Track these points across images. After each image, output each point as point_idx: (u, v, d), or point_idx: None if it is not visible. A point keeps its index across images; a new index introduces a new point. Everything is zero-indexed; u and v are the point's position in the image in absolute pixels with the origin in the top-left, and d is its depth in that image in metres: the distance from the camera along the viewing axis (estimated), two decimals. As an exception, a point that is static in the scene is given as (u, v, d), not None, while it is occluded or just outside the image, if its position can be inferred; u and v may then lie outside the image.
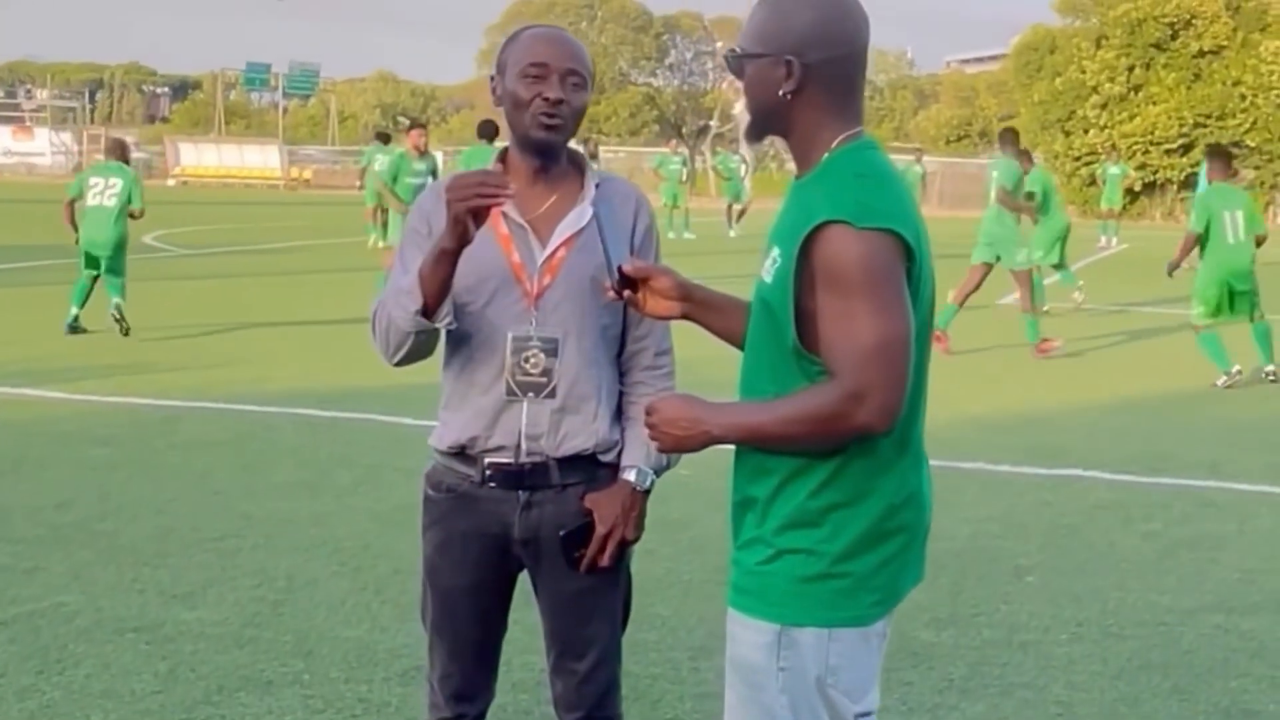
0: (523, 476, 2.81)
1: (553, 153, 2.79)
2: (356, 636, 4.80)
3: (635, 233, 2.85)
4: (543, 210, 2.80)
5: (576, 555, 2.82)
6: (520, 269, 2.77)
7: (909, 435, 2.37)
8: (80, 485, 6.80)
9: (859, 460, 2.31)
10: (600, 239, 2.59)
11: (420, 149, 15.62)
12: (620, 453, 2.87)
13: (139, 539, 5.91)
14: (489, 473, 2.81)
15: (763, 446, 2.34)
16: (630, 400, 2.89)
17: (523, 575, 2.98)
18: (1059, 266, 16.13)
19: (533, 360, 2.76)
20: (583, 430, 2.80)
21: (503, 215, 2.78)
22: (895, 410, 2.25)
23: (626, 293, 2.56)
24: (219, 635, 4.77)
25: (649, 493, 2.87)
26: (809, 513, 2.32)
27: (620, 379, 2.91)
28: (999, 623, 5.17)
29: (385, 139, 27.14)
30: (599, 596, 2.89)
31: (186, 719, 4.12)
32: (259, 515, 6.33)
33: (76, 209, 12.44)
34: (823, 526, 2.32)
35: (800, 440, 2.29)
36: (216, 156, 60.45)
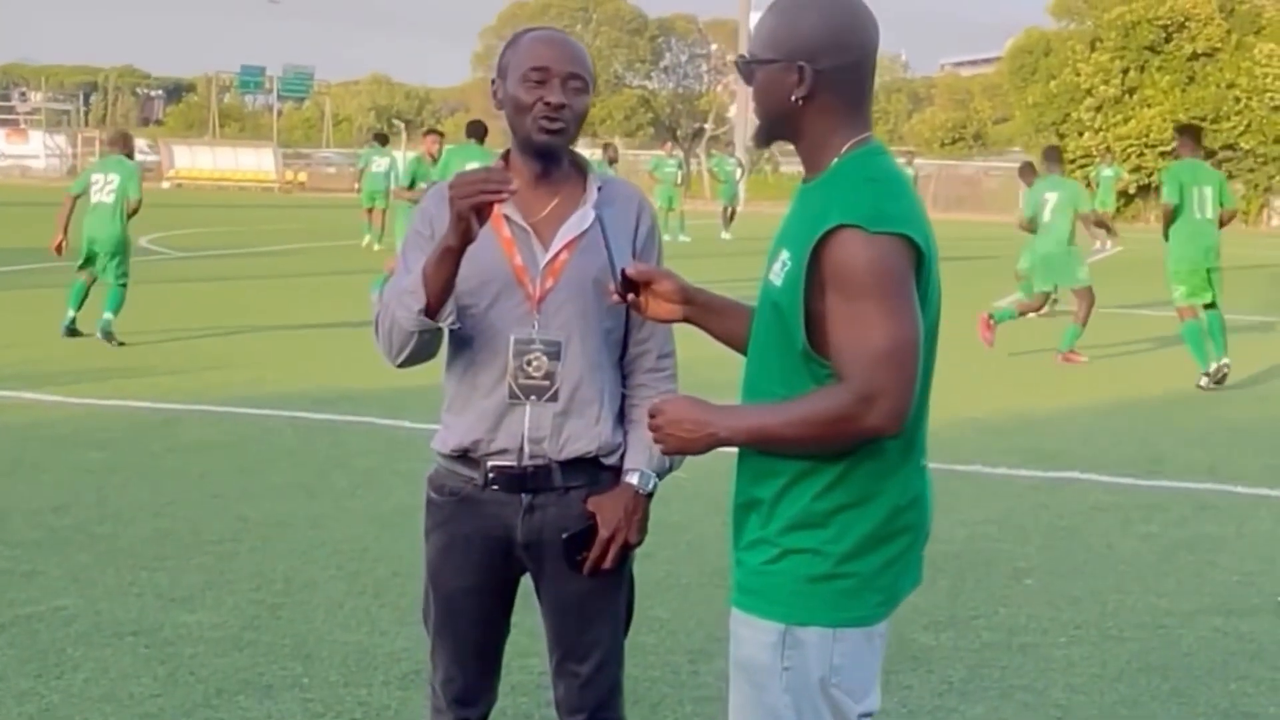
0: (525, 480, 2.81)
1: (555, 156, 2.79)
2: (356, 640, 4.80)
3: (638, 235, 2.85)
4: (545, 213, 2.80)
5: (579, 558, 2.82)
6: (523, 272, 2.77)
7: (914, 438, 2.38)
8: (78, 488, 6.79)
9: (866, 462, 2.32)
10: (604, 242, 2.59)
11: (435, 155, 15.52)
12: (623, 456, 2.87)
13: (137, 542, 5.90)
14: (491, 476, 2.81)
15: (770, 449, 2.35)
16: (633, 403, 2.89)
17: (523, 578, 2.98)
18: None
19: (535, 363, 2.76)
20: (585, 433, 2.80)
21: (505, 218, 2.78)
22: (904, 414, 2.26)
23: (630, 295, 2.56)
24: (218, 638, 4.76)
25: (651, 496, 2.87)
26: (815, 514, 2.33)
27: (623, 382, 2.91)
28: (998, 625, 5.17)
29: (383, 141, 27.17)
30: (602, 599, 2.88)
31: (186, 723, 4.12)
32: (257, 518, 6.33)
33: (80, 207, 12.21)
34: (829, 527, 2.33)
35: (808, 443, 2.30)
36: (211, 159, 60.39)
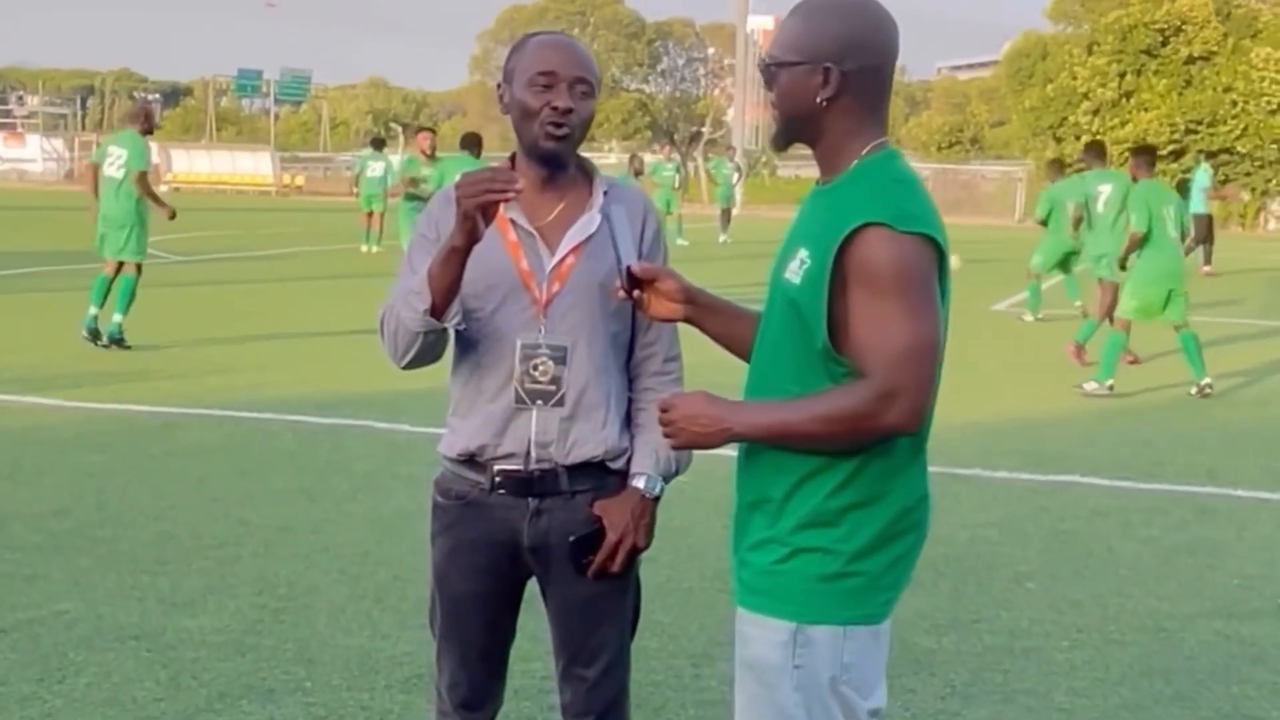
0: (532, 484, 2.80)
1: (561, 161, 2.79)
2: (358, 644, 4.79)
3: (644, 239, 2.85)
4: (551, 218, 2.80)
5: (585, 561, 2.82)
6: (529, 276, 2.76)
7: (922, 438, 2.41)
8: (78, 492, 6.79)
9: (877, 461, 2.34)
10: (612, 240, 2.59)
11: (428, 152, 15.32)
12: (629, 460, 2.87)
13: (138, 546, 5.90)
14: (498, 480, 2.81)
15: (786, 445, 2.35)
16: (639, 407, 2.89)
17: (529, 582, 2.97)
18: (1065, 271, 16.19)
19: (541, 368, 2.76)
20: (592, 438, 2.80)
21: (511, 223, 2.78)
22: (924, 412, 2.29)
23: (636, 293, 2.58)
24: (220, 643, 4.76)
25: (659, 500, 2.87)
26: (827, 512, 2.35)
27: (628, 385, 2.91)
28: (1000, 629, 5.17)
29: (378, 145, 27.13)
30: (608, 603, 2.88)
31: (189, 727, 4.12)
32: (258, 522, 6.32)
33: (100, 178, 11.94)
34: (840, 526, 2.35)
35: (828, 439, 2.31)
36: (208, 163, 60.41)
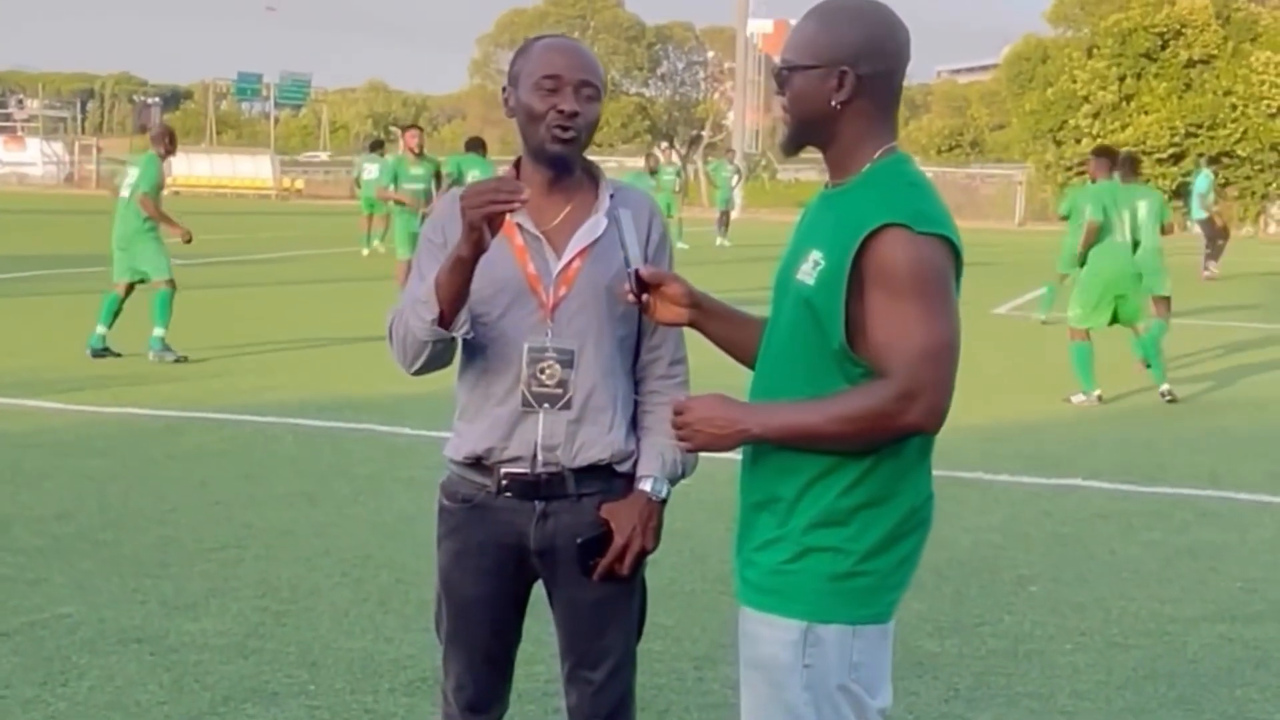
0: (538, 487, 2.80)
1: (567, 164, 2.79)
2: (361, 647, 4.79)
3: (650, 242, 2.85)
4: (558, 221, 2.80)
5: (592, 564, 2.82)
6: (536, 280, 2.77)
7: (929, 439, 2.42)
8: (80, 496, 6.79)
9: (888, 461, 2.36)
10: (621, 244, 2.59)
11: (415, 150, 15.01)
12: (635, 463, 2.87)
13: (140, 549, 5.90)
14: (505, 483, 2.81)
15: (804, 445, 2.36)
16: (645, 410, 2.89)
17: (535, 586, 2.97)
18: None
19: (548, 371, 2.76)
20: (599, 441, 2.80)
21: (517, 226, 2.78)
22: (943, 412, 2.31)
23: (643, 296, 2.58)
24: (223, 646, 4.76)
25: (665, 503, 2.87)
26: (838, 511, 2.36)
27: (634, 388, 2.91)
28: (1003, 632, 5.17)
29: (375, 148, 27.12)
30: (615, 606, 2.88)
31: (193, 730, 4.12)
32: (260, 525, 6.32)
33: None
34: (850, 525, 2.36)
35: (847, 439, 2.32)
36: (208, 166, 60.35)
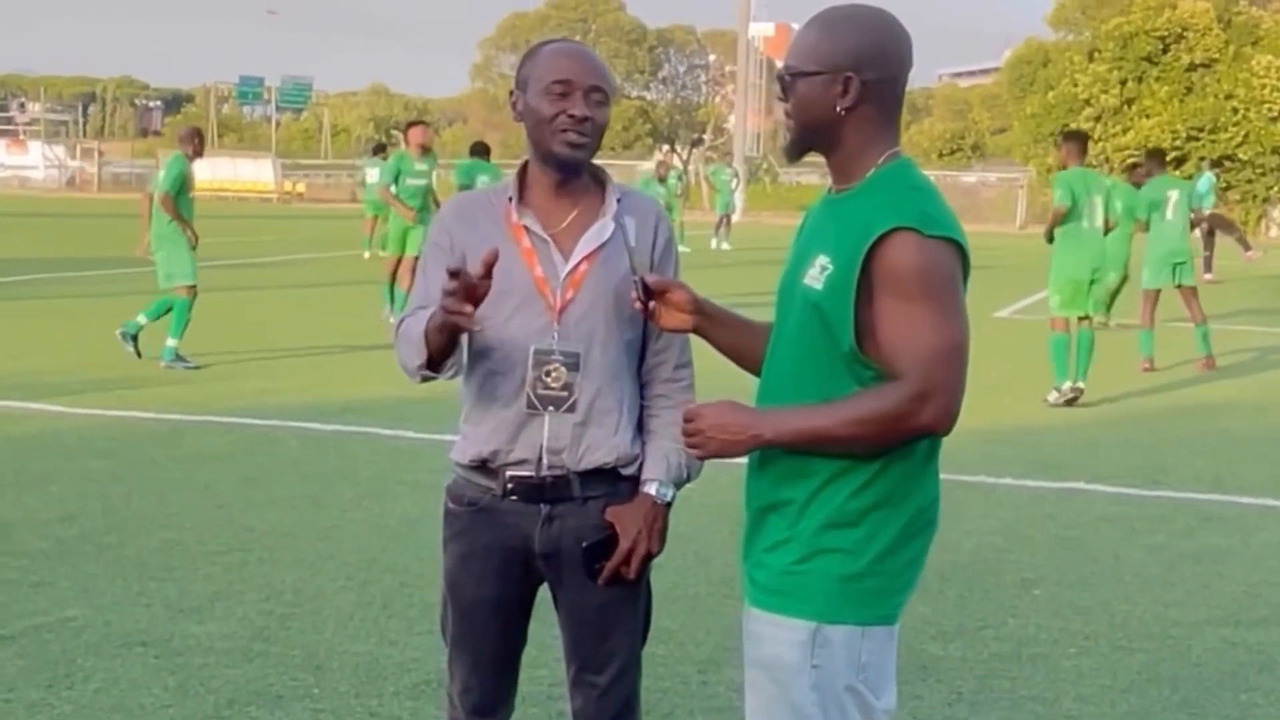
0: (544, 490, 2.81)
1: (576, 169, 2.80)
2: (365, 650, 4.80)
3: (655, 247, 2.85)
4: (565, 224, 2.80)
5: (597, 567, 2.82)
6: (543, 283, 2.77)
7: (936, 441, 2.43)
8: (84, 499, 6.79)
9: (898, 463, 2.37)
10: (627, 250, 2.60)
11: (424, 146, 14.53)
12: (641, 466, 2.87)
13: (145, 552, 5.90)
14: (510, 486, 2.81)
15: (818, 448, 2.37)
16: (651, 414, 2.90)
17: (540, 588, 2.98)
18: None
19: (554, 374, 2.76)
20: (604, 444, 2.80)
21: (525, 229, 2.79)
22: (955, 413, 2.32)
23: (650, 304, 2.59)
24: (228, 649, 4.76)
25: (670, 506, 2.88)
26: (849, 513, 2.37)
27: (640, 391, 2.91)
28: (1007, 636, 5.17)
29: (377, 151, 27.09)
30: (620, 610, 2.88)
31: (198, 733, 4.12)
32: (263, 529, 6.33)
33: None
34: (861, 526, 2.37)
35: (859, 441, 2.33)
36: (210, 170, 60.24)
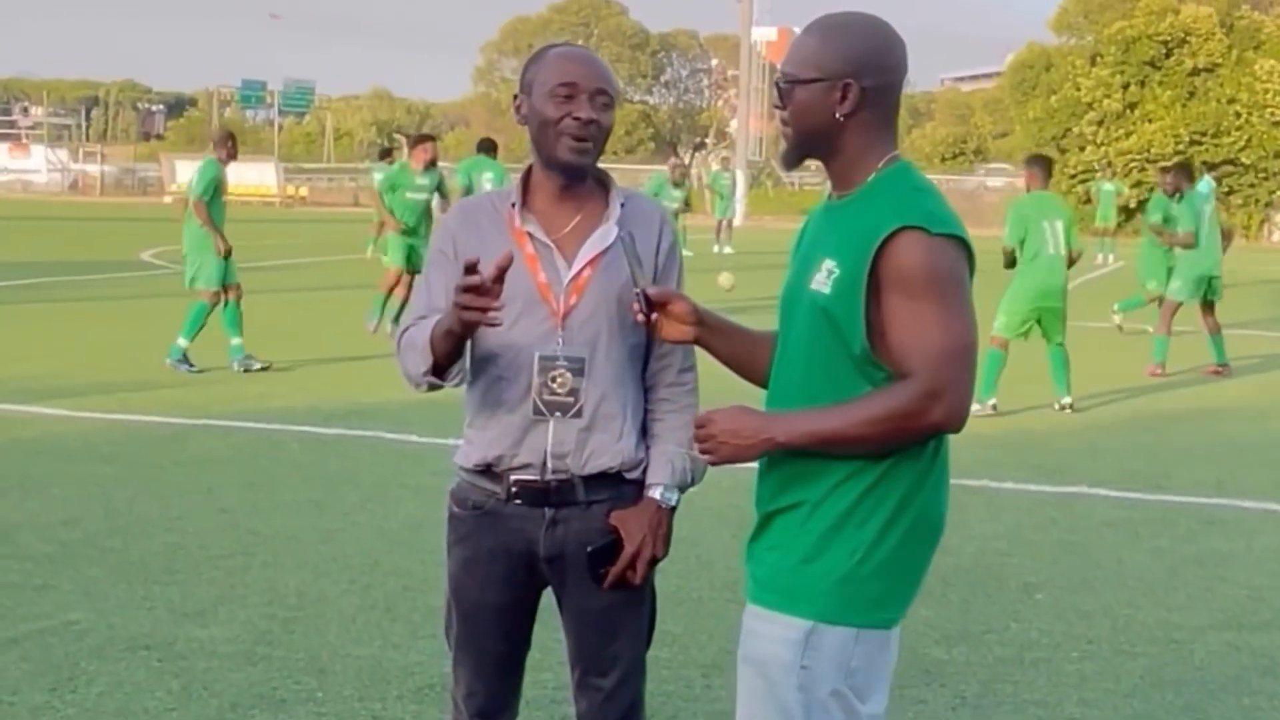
0: (548, 494, 2.81)
1: (580, 172, 2.80)
2: (369, 654, 4.80)
3: (659, 252, 2.86)
4: (568, 229, 2.81)
5: (602, 572, 2.82)
6: (547, 289, 2.77)
7: (943, 443, 2.44)
8: (87, 502, 6.79)
9: (907, 465, 2.38)
10: (629, 260, 2.60)
11: (429, 160, 14.38)
12: (645, 470, 2.87)
13: (148, 556, 5.91)
14: (514, 490, 2.82)
15: (829, 450, 2.37)
16: (655, 418, 2.90)
17: (544, 592, 2.98)
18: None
19: (559, 380, 2.76)
20: (609, 449, 2.81)
21: (528, 235, 2.79)
22: (966, 411, 2.33)
23: (654, 316, 2.60)
24: (231, 653, 4.76)
25: (675, 510, 2.88)
26: (858, 515, 2.38)
27: (644, 396, 2.92)
28: (1010, 640, 5.17)
29: (386, 154, 27.13)
30: (624, 614, 2.89)
31: (201, 737, 4.12)
32: (267, 533, 6.33)
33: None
34: (868, 529, 2.38)
35: (871, 441, 2.34)
36: (212, 173, 60.24)
